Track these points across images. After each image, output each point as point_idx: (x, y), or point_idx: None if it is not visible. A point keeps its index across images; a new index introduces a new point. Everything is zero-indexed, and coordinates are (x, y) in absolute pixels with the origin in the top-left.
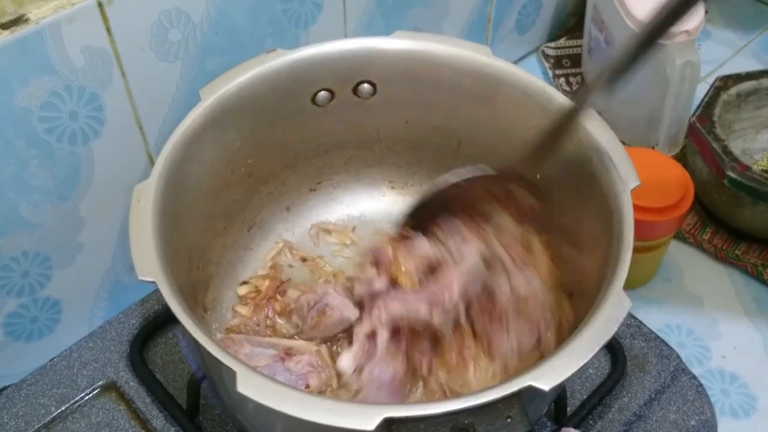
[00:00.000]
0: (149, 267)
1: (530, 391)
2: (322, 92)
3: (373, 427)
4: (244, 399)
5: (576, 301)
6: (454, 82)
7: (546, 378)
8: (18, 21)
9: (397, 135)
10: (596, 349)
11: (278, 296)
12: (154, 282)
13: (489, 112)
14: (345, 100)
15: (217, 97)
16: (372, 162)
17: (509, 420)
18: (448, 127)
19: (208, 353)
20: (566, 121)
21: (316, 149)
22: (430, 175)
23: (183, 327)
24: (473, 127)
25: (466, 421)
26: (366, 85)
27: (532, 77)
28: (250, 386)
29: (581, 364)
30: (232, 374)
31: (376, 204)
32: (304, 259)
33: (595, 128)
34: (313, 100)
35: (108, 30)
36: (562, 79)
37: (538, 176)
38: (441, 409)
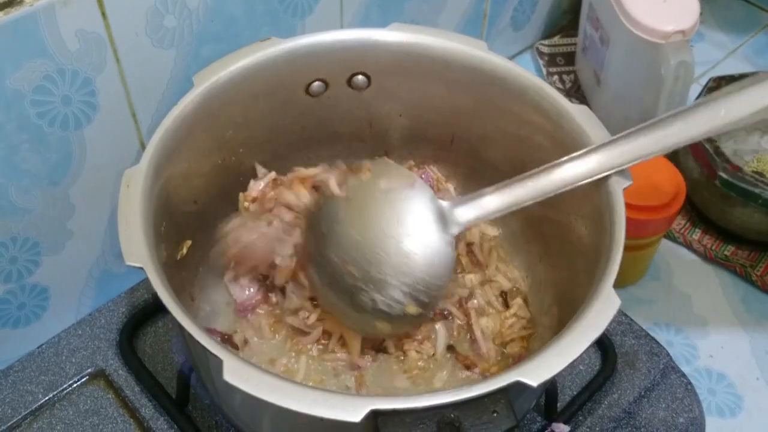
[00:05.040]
0: (137, 252)
1: (518, 387)
2: (316, 82)
3: (359, 418)
4: (231, 389)
5: (567, 298)
6: (450, 76)
7: (534, 374)
8: (12, 2)
9: (390, 128)
10: (585, 346)
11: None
12: (141, 268)
13: (483, 107)
14: (339, 91)
15: (210, 83)
16: (364, 154)
17: (495, 415)
18: (442, 121)
19: (195, 341)
20: None
21: (308, 140)
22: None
23: (170, 314)
24: (467, 121)
25: (452, 415)
26: (360, 77)
27: (528, 73)
28: (237, 375)
29: (570, 360)
30: (219, 363)
31: None
32: None
33: (589, 126)
34: (307, 90)
35: (103, 14)
36: (555, 77)
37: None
38: (427, 402)
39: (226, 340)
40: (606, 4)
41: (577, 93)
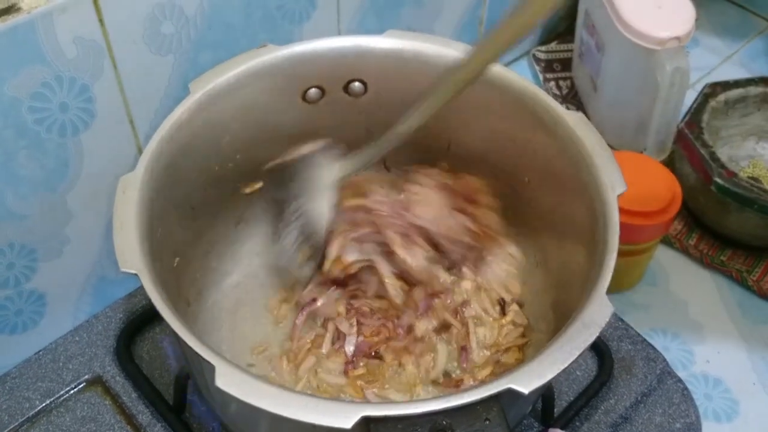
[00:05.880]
0: (132, 259)
1: (510, 394)
2: (313, 89)
3: (350, 425)
4: (225, 395)
5: (563, 304)
6: None
7: (526, 381)
8: (9, 10)
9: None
10: (577, 353)
11: None
12: (136, 274)
13: (480, 115)
14: (336, 98)
15: (207, 90)
16: None
17: (487, 422)
18: (439, 128)
19: (188, 347)
20: None
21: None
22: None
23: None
24: (464, 129)
25: (444, 422)
26: (357, 84)
27: (525, 81)
28: (229, 382)
29: (561, 368)
30: (211, 369)
31: None
32: None
33: (583, 132)
34: (304, 97)
35: (101, 21)
36: (552, 83)
37: (526, 179)
38: (419, 409)
39: None
40: (601, 11)
41: (573, 99)
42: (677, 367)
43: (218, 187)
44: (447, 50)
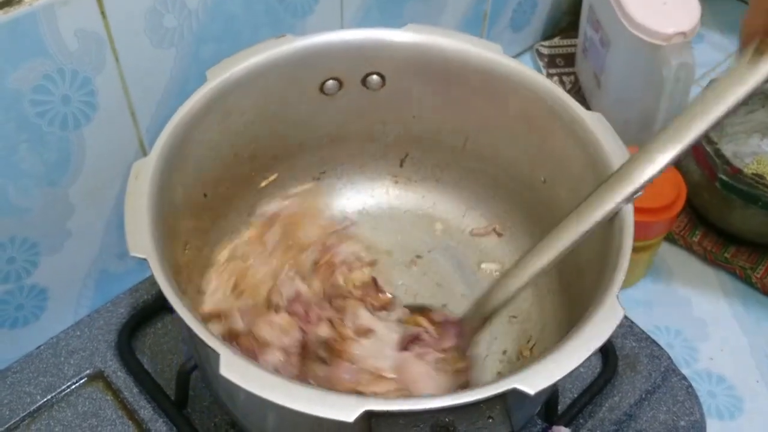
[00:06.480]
0: (142, 243)
1: (515, 394)
2: (331, 81)
3: (352, 419)
4: (229, 384)
5: (572, 303)
6: (464, 79)
7: (532, 382)
8: (11, 2)
9: (403, 129)
10: (586, 355)
11: None
12: (145, 259)
13: (497, 111)
14: (353, 90)
15: (223, 79)
16: (377, 155)
17: (491, 420)
18: (456, 123)
19: (195, 335)
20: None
21: (321, 138)
22: (434, 171)
23: (172, 313)
24: (480, 125)
25: (446, 419)
26: (375, 77)
27: (542, 77)
28: (233, 370)
29: (569, 369)
30: (216, 357)
31: (378, 198)
32: None
33: (602, 133)
34: (321, 89)
35: (102, 13)
36: (555, 78)
37: (543, 179)
38: (422, 405)
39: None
40: (606, 6)
41: (576, 95)
42: (681, 364)
43: (232, 176)
44: (466, 46)
